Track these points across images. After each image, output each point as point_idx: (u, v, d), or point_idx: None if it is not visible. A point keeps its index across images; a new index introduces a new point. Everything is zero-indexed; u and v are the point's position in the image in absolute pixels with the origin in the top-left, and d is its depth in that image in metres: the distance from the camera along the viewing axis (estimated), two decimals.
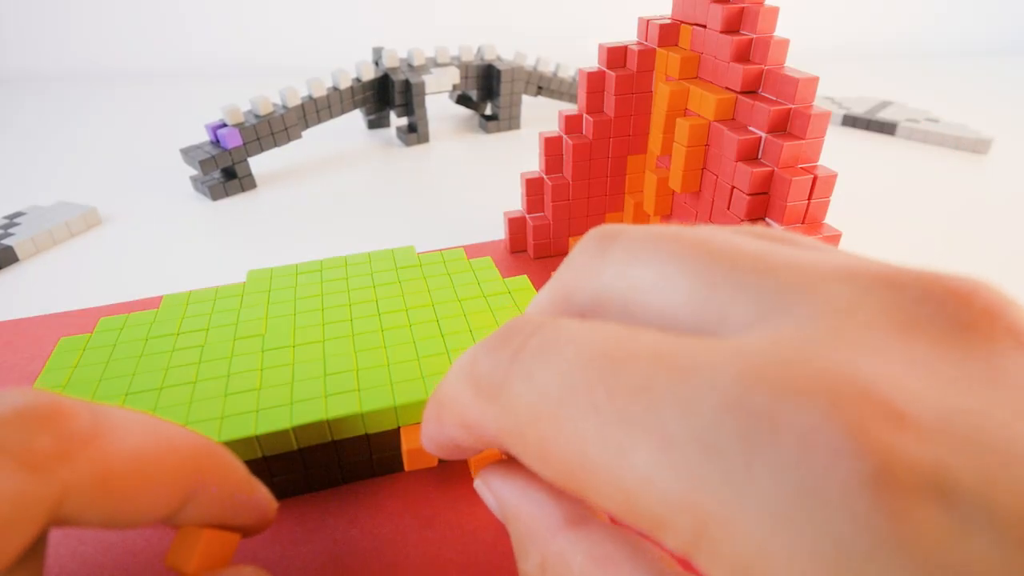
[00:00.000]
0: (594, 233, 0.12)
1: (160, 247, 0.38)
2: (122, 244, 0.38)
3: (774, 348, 0.08)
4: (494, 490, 0.12)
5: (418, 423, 0.20)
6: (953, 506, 0.06)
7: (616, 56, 0.31)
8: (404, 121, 0.61)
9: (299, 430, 0.19)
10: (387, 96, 0.54)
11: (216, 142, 0.44)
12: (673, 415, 0.08)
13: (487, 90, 0.57)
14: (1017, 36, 1.04)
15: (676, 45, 0.30)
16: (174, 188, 0.46)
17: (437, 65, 0.54)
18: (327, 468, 0.20)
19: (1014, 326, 0.08)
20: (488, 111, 0.61)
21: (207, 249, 0.38)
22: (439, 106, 0.67)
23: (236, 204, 0.44)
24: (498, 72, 0.55)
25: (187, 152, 0.43)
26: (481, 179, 0.47)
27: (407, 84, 0.52)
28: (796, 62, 0.90)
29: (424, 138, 0.55)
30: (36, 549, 0.12)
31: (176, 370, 0.21)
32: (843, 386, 0.07)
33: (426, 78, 0.52)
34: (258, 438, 0.18)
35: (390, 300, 0.25)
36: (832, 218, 0.40)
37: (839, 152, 0.53)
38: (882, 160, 0.51)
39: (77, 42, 0.86)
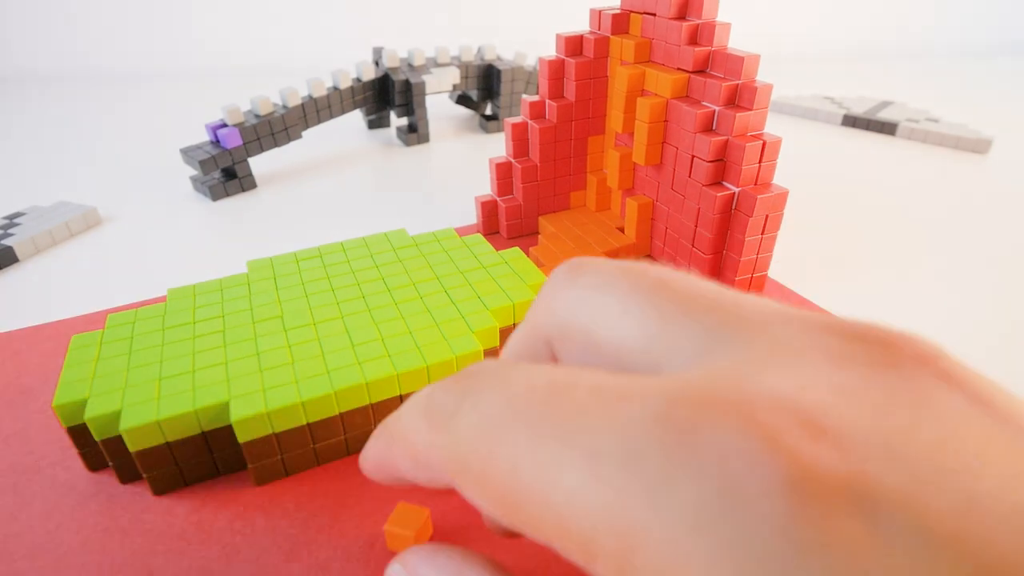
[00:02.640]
0: (563, 266, 0.12)
1: (160, 247, 0.38)
2: (122, 244, 0.38)
3: (707, 375, 0.08)
4: (418, 574, 0.12)
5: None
6: (874, 514, 0.06)
7: (573, 45, 0.33)
8: (404, 121, 0.61)
9: (340, 394, 0.20)
10: (387, 96, 0.54)
11: (216, 142, 0.44)
12: (602, 432, 0.08)
13: (487, 90, 0.57)
14: (1017, 36, 1.04)
15: (627, 33, 0.32)
16: (174, 188, 0.46)
17: (437, 65, 0.54)
18: (364, 431, 0.22)
19: (944, 370, 0.08)
20: (488, 111, 0.61)
21: (207, 249, 0.38)
22: (439, 106, 0.67)
23: (236, 204, 0.44)
24: (498, 72, 0.55)
25: (187, 152, 0.43)
26: (482, 179, 0.47)
27: (407, 84, 0.52)
28: (796, 62, 0.91)
29: (424, 138, 0.55)
30: None
31: (204, 353, 0.22)
32: (763, 400, 0.08)
33: (426, 78, 0.52)
34: (303, 404, 0.20)
35: (396, 277, 0.26)
36: (832, 218, 0.41)
37: (839, 152, 0.53)
38: (882, 160, 0.51)
39: (77, 42, 0.86)
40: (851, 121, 0.59)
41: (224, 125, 0.44)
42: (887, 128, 0.57)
